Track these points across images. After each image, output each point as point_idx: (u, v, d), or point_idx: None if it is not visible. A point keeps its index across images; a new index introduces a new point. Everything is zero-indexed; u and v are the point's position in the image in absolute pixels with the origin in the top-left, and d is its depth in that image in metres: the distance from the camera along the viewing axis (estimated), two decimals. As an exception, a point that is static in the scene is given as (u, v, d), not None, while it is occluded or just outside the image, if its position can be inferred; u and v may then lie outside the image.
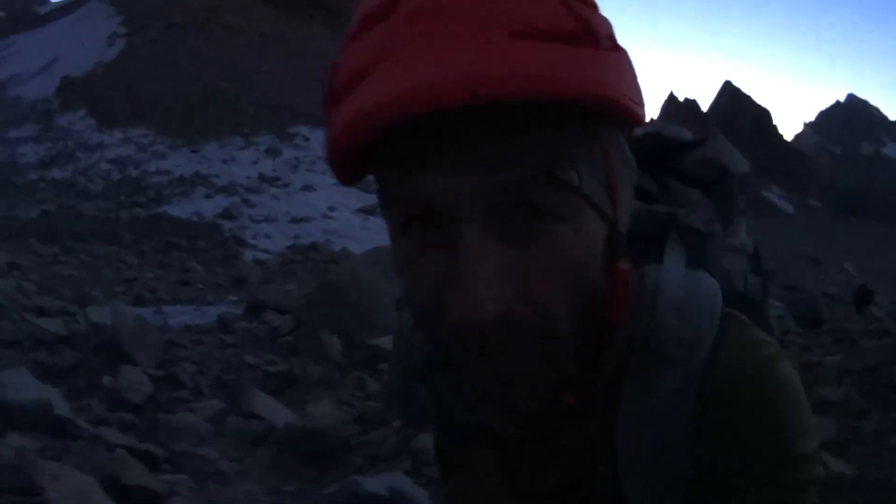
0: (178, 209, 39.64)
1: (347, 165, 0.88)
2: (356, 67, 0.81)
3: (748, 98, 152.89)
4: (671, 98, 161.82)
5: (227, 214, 39.69)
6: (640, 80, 0.91)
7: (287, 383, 11.40)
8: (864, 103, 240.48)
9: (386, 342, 12.93)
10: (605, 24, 0.86)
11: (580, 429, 1.06)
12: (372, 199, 49.00)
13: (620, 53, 0.87)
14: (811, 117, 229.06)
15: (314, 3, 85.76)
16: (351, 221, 43.64)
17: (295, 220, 41.45)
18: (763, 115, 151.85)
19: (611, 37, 0.86)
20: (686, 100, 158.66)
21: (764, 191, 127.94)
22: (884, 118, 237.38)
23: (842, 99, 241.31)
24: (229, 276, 28.61)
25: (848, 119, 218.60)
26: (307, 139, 57.51)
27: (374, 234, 41.84)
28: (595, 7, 0.87)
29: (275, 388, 11.23)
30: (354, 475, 7.33)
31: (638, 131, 1.23)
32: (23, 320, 14.29)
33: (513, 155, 0.80)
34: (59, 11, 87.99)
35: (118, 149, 49.67)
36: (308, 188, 48.51)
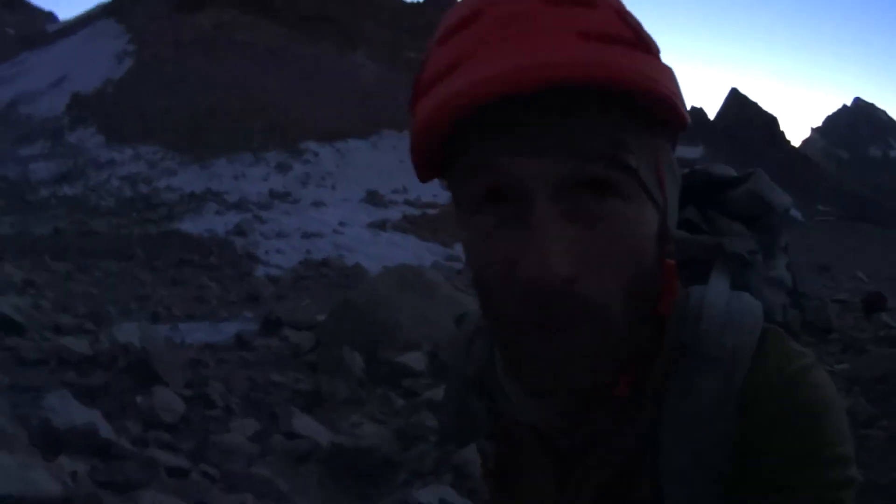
0: (190, 225, 39.69)
1: (427, 157, 1.02)
2: (443, 65, 0.94)
3: (755, 105, 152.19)
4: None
5: (239, 231, 39.74)
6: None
7: (314, 401, 11.38)
8: (871, 106, 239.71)
9: (408, 359, 13.16)
10: (649, 34, 0.97)
11: (624, 433, 1.09)
12: (381, 215, 49.24)
13: (662, 60, 0.98)
14: (818, 122, 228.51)
15: (323, 20, 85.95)
16: (361, 236, 43.66)
17: (306, 236, 41.47)
18: (770, 122, 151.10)
19: (657, 46, 0.98)
20: (693, 108, 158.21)
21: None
22: (891, 121, 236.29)
23: (848, 103, 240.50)
24: (243, 292, 28.58)
25: (855, 123, 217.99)
26: (316, 154, 57.65)
27: (384, 248, 41.93)
28: (635, 19, 0.97)
29: (302, 405, 11.20)
30: (403, 489, 7.72)
31: (685, 168, 1.28)
32: (43, 339, 14.41)
33: (579, 138, 0.91)
34: (69, 30, 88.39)
35: (129, 166, 49.83)
36: (318, 204, 48.56)
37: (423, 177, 1.08)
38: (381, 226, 47.03)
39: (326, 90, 69.03)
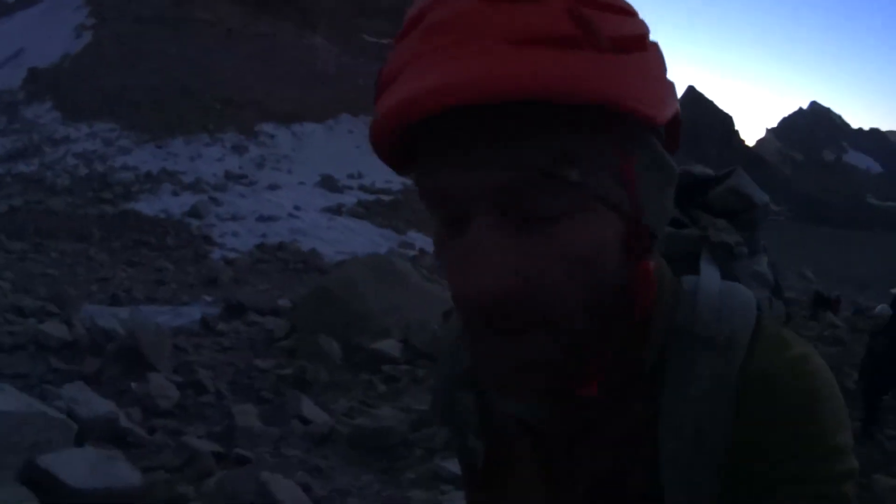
0: (146, 206, 39.36)
1: (387, 154, 1.00)
2: (389, 71, 0.94)
3: (711, 104, 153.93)
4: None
5: (195, 212, 39.49)
6: (664, 80, 0.99)
7: (299, 386, 11.62)
8: (827, 111, 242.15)
9: (384, 345, 13.62)
10: (618, 26, 0.92)
11: (617, 422, 1.10)
12: (337, 199, 49.11)
13: (632, 55, 0.93)
14: (774, 123, 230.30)
15: (283, 1, 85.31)
16: (317, 221, 43.56)
17: (262, 219, 41.32)
18: (726, 121, 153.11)
19: (622, 39, 0.92)
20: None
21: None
22: (846, 125, 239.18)
23: (805, 106, 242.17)
24: (201, 275, 28.45)
25: (810, 126, 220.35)
26: (272, 137, 57.32)
27: (340, 234, 41.85)
28: (609, 9, 0.92)
29: (285, 390, 11.51)
30: (422, 463, 8.49)
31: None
32: (6, 322, 14.32)
33: (511, 154, 0.89)
34: (28, 1, 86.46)
35: (84, 143, 49.05)
36: (274, 187, 48.36)
37: (391, 166, 1.05)
38: (336, 211, 46.93)
39: (284, 72, 68.51)
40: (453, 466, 7.91)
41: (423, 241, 43.48)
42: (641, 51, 0.95)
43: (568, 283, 0.94)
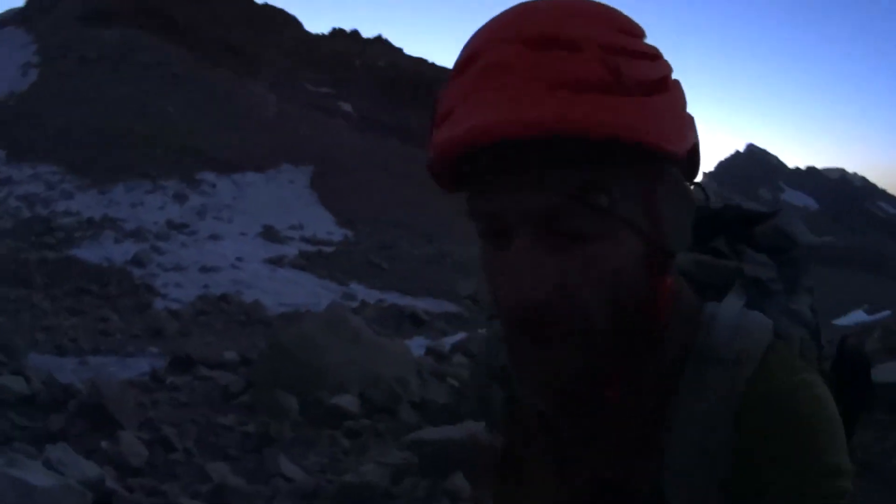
0: (88, 253, 38.80)
1: (444, 180, 1.15)
2: (444, 107, 1.07)
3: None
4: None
5: (137, 261, 39.03)
6: (684, 117, 1.11)
7: (263, 443, 11.64)
8: (764, 152, 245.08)
9: (343, 401, 13.64)
10: (645, 71, 1.05)
11: (627, 429, 1.17)
12: (278, 250, 48.78)
13: (657, 96, 1.05)
14: (711, 167, 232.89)
15: (226, 47, 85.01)
16: (259, 272, 43.23)
17: (204, 270, 40.89)
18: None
19: (648, 83, 1.04)
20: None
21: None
22: (782, 165, 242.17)
23: (741, 148, 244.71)
24: (145, 325, 28.08)
25: (747, 167, 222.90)
26: (214, 186, 56.84)
27: (282, 285, 41.52)
28: (637, 56, 1.05)
29: (253, 447, 11.52)
30: None
31: (718, 203, 1.41)
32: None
33: (549, 181, 1.02)
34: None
35: (27, 185, 48.31)
36: (216, 237, 47.92)
37: (447, 190, 1.19)
38: (278, 262, 46.58)
39: (226, 119, 68.09)
40: None
41: (364, 293, 43.21)
42: (665, 91, 1.07)
43: (595, 297, 1.05)
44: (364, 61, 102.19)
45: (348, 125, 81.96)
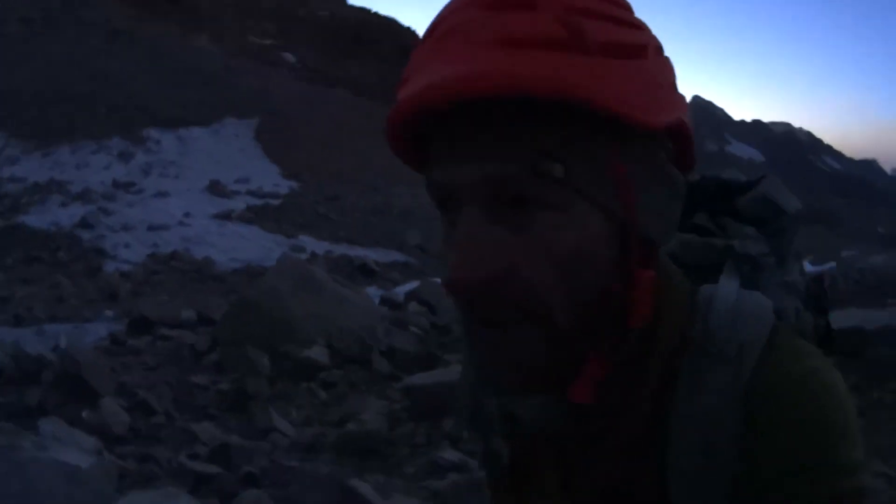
0: (36, 219, 38.20)
1: (402, 151, 1.14)
2: (405, 74, 1.06)
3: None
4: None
5: (85, 224, 38.48)
6: (663, 90, 1.07)
7: (241, 399, 11.64)
8: (709, 104, 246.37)
9: (313, 353, 13.67)
10: (612, 34, 1.00)
11: (625, 430, 1.13)
12: (226, 205, 48.26)
13: (626, 61, 1.00)
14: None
15: (169, 1, 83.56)
16: (208, 228, 42.84)
17: (152, 228, 40.46)
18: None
19: (615, 46, 1.00)
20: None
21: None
22: (729, 118, 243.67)
23: (687, 100, 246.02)
24: (98, 289, 27.94)
25: (693, 119, 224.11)
26: (158, 142, 56.04)
27: (231, 240, 41.15)
28: (606, 19, 1.00)
29: (230, 405, 11.53)
30: (412, 458, 9.03)
31: (696, 174, 1.34)
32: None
33: (500, 149, 0.99)
34: None
35: (-29, 153, 47.58)
36: (162, 194, 47.34)
37: (412, 167, 1.18)
38: (226, 217, 46.22)
39: (169, 74, 66.98)
40: (450, 455, 8.52)
41: (314, 245, 43.02)
42: (638, 59, 1.02)
43: (549, 276, 1.00)
44: (307, 11, 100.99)
45: (293, 76, 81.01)
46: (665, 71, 1.08)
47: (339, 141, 66.93)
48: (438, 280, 26.44)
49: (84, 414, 9.63)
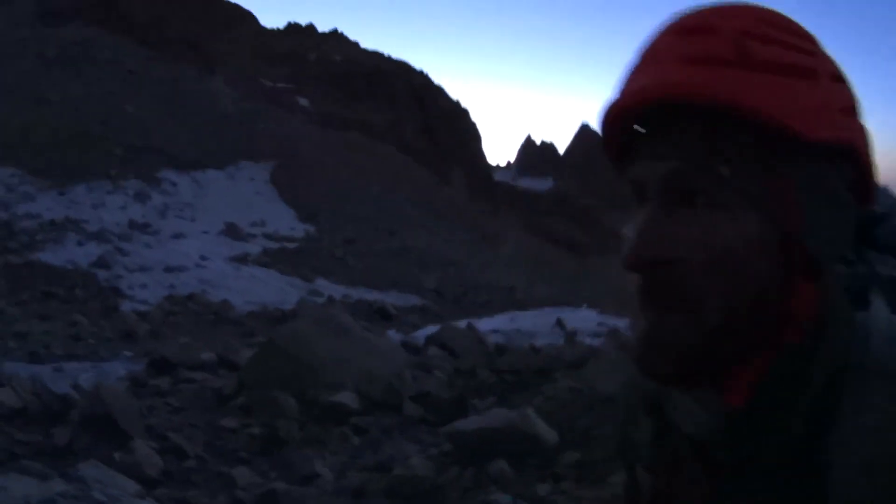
0: (52, 256, 38.28)
1: (611, 150, 1.28)
2: (619, 83, 1.21)
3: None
4: (528, 142, 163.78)
5: (102, 263, 38.60)
6: (834, 111, 1.13)
7: (274, 444, 11.57)
8: None
9: (342, 398, 13.63)
10: (781, 55, 1.11)
11: (781, 450, 1.09)
12: (242, 248, 48.51)
13: (795, 80, 1.10)
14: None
15: (184, 43, 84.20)
16: (224, 270, 43.00)
17: (169, 269, 40.61)
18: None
19: (783, 65, 1.10)
20: (543, 143, 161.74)
21: (623, 227, 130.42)
22: None
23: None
24: (115, 328, 27.94)
25: None
26: (175, 184, 56.34)
27: (248, 283, 41.31)
28: (778, 43, 1.12)
29: (262, 449, 11.44)
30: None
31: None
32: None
33: (679, 149, 1.12)
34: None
35: (-13, 188, 47.54)
36: (179, 236, 47.56)
37: (615, 166, 1.30)
38: (242, 260, 46.45)
39: (184, 116, 67.45)
40: (500, 498, 8.62)
41: (331, 288, 43.21)
42: (807, 79, 1.11)
43: (706, 269, 1.08)
44: (320, 55, 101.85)
45: (307, 119, 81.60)
46: (839, 96, 1.15)
47: (353, 184, 67.35)
48: (457, 324, 26.51)
49: (116, 456, 9.44)
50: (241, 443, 11.73)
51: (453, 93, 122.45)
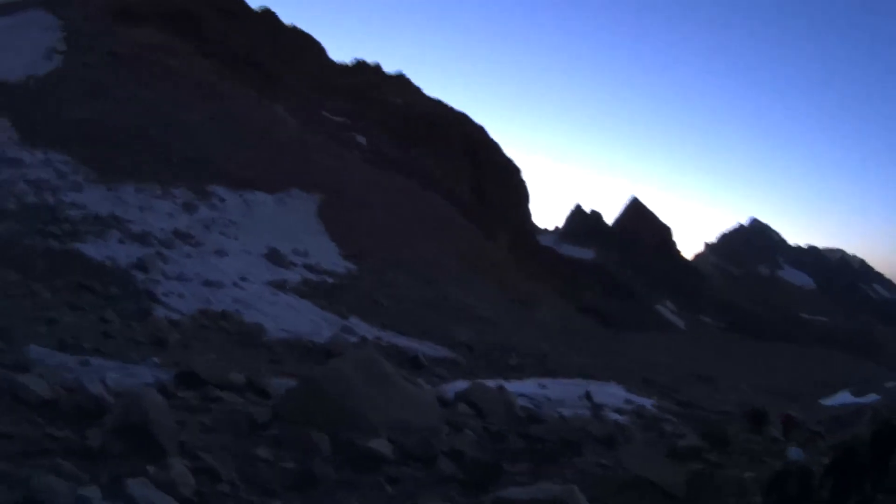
0: (93, 249, 37.99)
1: None
2: None
3: (652, 215, 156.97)
4: (577, 210, 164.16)
5: (141, 265, 38.31)
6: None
7: (307, 481, 11.17)
8: (766, 227, 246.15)
9: (376, 444, 13.33)
10: None
11: None
12: (282, 274, 48.21)
13: None
14: (713, 238, 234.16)
15: (251, 64, 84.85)
16: (261, 294, 42.63)
17: (207, 284, 40.29)
18: (664, 232, 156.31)
19: None
20: (592, 212, 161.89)
21: (658, 305, 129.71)
22: (783, 241, 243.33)
23: (744, 222, 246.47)
24: (146, 332, 27.62)
25: (749, 241, 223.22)
26: (223, 200, 56.23)
27: (283, 310, 40.93)
28: None
29: (295, 484, 11.02)
30: None
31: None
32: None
33: None
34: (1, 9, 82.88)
35: (37, 170, 46.99)
36: (221, 252, 47.26)
37: None
38: (280, 286, 46.09)
39: (242, 135, 67.65)
40: None
41: (364, 329, 42.76)
42: None
43: None
44: (382, 96, 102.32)
45: (361, 157, 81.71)
46: None
47: (399, 229, 67.16)
48: (487, 383, 26.19)
49: (150, 470, 8.99)
50: (274, 475, 11.34)
51: (508, 152, 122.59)
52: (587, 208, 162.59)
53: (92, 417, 10.76)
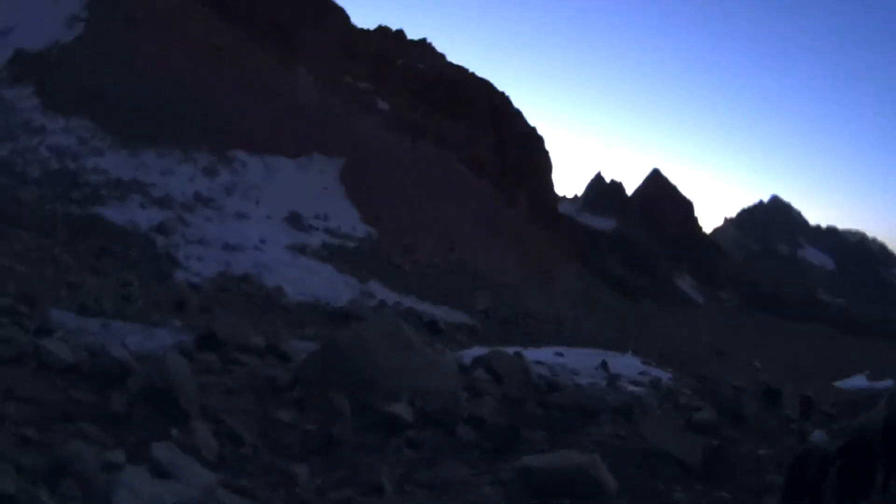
0: (114, 213, 38.26)
1: None
2: None
3: (673, 188, 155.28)
4: (598, 178, 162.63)
5: (162, 229, 38.53)
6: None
7: (329, 445, 11.25)
8: (788, 206, 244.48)
9: (396, 409, 13.34)
10: None
11: None
12: (302, 238, 48.29)
13: None
14: (734, 213, 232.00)
15: (273, 27, 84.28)
16: (281, 257, 42.77)
17: (227, 248, 40.45)
18: (686, 206, 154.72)
19: None
20: (612, 181, 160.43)
21: (676, 279, 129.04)
22: (805, 222, 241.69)
23: (766, 199, 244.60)
24: (166, 296, 27.76)
25: (769, 219, 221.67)
26: (245, 164, 56.32)
27: (302, 273, 40.99)
28: None
29: (317, 447, 11.11)
30: None
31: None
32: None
33: None
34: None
35: (59, 137, 47.34)
36: (241, 216, 47.44)
37: None
38: (301, 250, 46.20)
39: (264, 100, 67.48)
40: None
41: (384, 293, 42.87)
42: None
43: None
44: (406, 62, 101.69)
45: (383, 123, 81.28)
46: None
47: (420, 194, 66.97)
48: (505, 349, 26.23)
49: (174, 433, 9.03)
50: (296, 438, 11.41)
51: (531, 120, 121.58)
52: (608, 177, 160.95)
53: (115, 381, 10.79)
